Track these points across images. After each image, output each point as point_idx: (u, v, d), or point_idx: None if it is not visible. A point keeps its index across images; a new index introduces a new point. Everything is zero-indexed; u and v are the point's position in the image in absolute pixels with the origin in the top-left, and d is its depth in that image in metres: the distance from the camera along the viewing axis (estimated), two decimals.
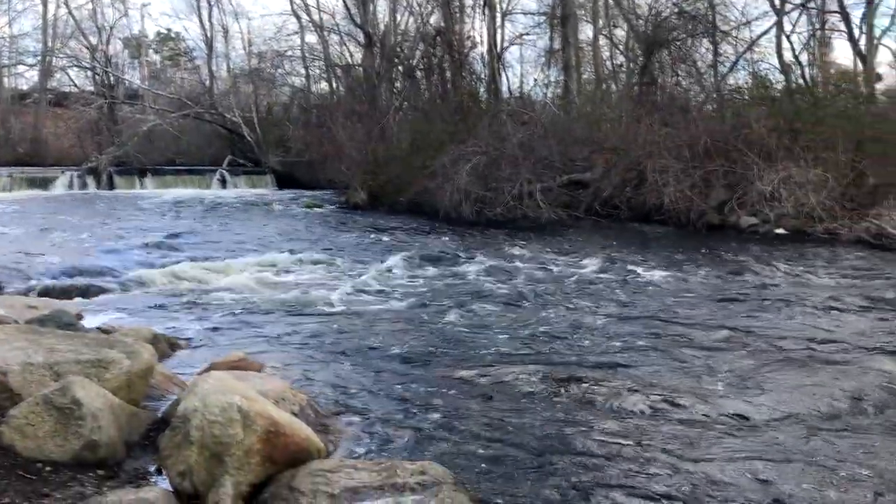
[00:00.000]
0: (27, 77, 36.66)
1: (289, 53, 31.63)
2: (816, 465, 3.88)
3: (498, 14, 25.84)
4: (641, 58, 22.20)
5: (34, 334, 4.25)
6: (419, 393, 5.06)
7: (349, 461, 3.47)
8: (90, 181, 25.82)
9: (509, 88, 26.53)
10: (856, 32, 20.29)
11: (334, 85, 30.57)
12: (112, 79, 33.45)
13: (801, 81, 20.64)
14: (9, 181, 23.94)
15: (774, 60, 20.91)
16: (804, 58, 21.70)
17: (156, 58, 40.79)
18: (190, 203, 21.73)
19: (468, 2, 25.95)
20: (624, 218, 16.35)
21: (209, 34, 33.24)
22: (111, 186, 25.89)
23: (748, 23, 21.86)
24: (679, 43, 21.67)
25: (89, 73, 33.83)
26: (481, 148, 17.82)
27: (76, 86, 34.27)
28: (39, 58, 34.64)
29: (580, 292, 8.86)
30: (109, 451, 3.42)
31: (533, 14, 27.45)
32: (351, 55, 29.89)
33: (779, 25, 20.85)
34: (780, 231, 14.25)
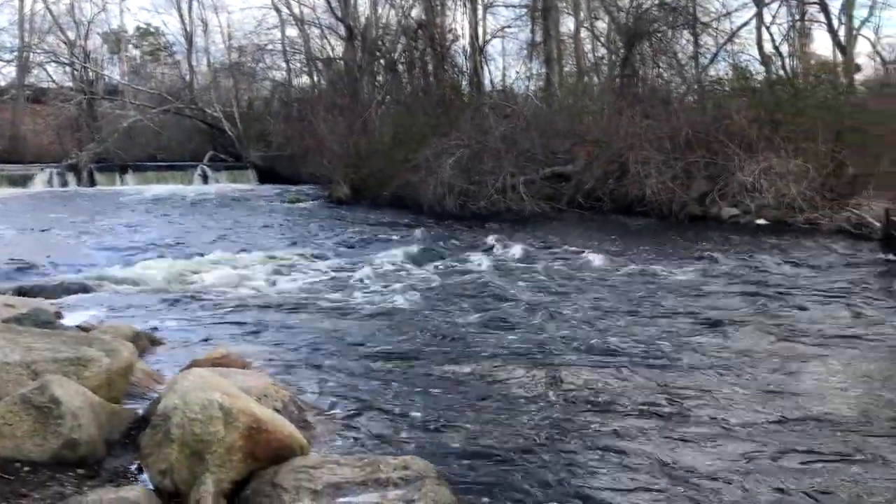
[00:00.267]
0: (4, 73, 36.16)
1: (269, 47, 31.57)
2: (797, 457, 3.92)
3: (479, 7, 25.85)
4: (623, 50, 22.28)
5: (11, 333, 4.21)
6: (403, 389, 5.05)
7: (332, 457, 3.45)
8: (70, 178, 25.64)
9: (491, 81, 26.63)
10: (835, 23, 20.48)
11: (315, 78, 30.50)
12: (91, 74, 33.17)
13: (782, 72, 20.82)
14: None
15: (755, 52, 21.09)
16: (784, 49, 21.88)
17: (135, 53, 40.49)
18: (171, 199, 21.61)
19: None
20: (606, 210, 16.40)
21: (189, 28, 33.09)
22: (92, 183, 25.71)
23: (728, 14, 22.02)
24: (660, 35, 21.76)
25: (68, 69, 33.54)
26: (464, 141, 17.82)
27: (54, 82, 33.99)
28: (16, 53, 34.21)
29: (563, 286, 8.87)
30: (90, 450, 3.39)
31: (514, 6, 27.48)
32: (332, 48, 29.87)
33: (759, 17, 21.01)
34: (762, 222, 14.33)
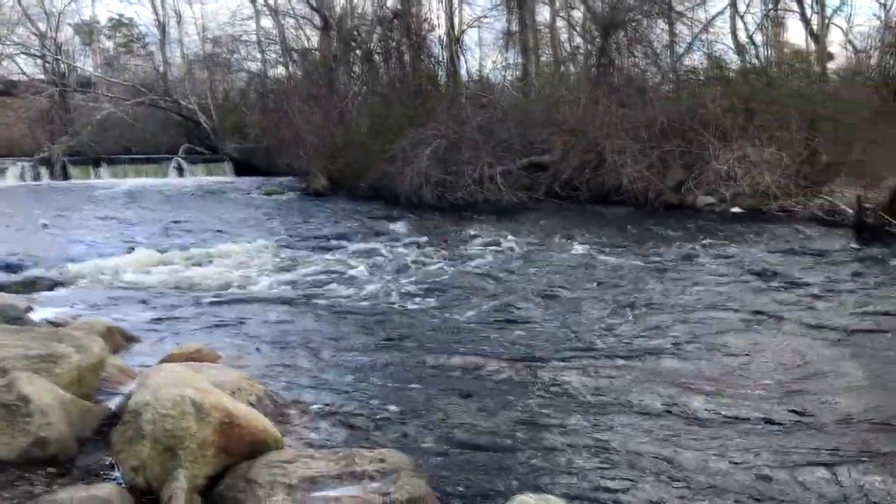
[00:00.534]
0: None
1: (244, 38, 31.23)
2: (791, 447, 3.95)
3: None
4: (599, 39, 22.27)
5: None
6: (378, 382, 5.03)
7: (307, 451, 3.44)
8: (43, 172, 25.33)
9: (468, 71, 26.55)
10: (808, 12, 20.67)
11: (291, 69, 30.21)
12: (63, 66, 32.66)
13: (756, 61, 21.00)
14: None
15: (729, 41, 21.28)
16: (758, 38, 22.11)
17: (108, 44, 39.89)
18: (146, 192, 21.42)
19: None
20: (583, 199, 16.46)
21: (162, 19, 32.67)
22: (65, 177, 25.43)
23: (703, 3, 22.14)
24: (635, 24, 21.77)
25: (39, 61, 32.98)
26: (441, 131, 17.79)
27: (25, 74, 33.36)
28: None
29: (541, 275, 8.89)
30: (60, 448, 3.34)
31: None
32: (307, 39, 29.59)
33: (733, 6, 21.19)
34: (736, 210, 14.45)
